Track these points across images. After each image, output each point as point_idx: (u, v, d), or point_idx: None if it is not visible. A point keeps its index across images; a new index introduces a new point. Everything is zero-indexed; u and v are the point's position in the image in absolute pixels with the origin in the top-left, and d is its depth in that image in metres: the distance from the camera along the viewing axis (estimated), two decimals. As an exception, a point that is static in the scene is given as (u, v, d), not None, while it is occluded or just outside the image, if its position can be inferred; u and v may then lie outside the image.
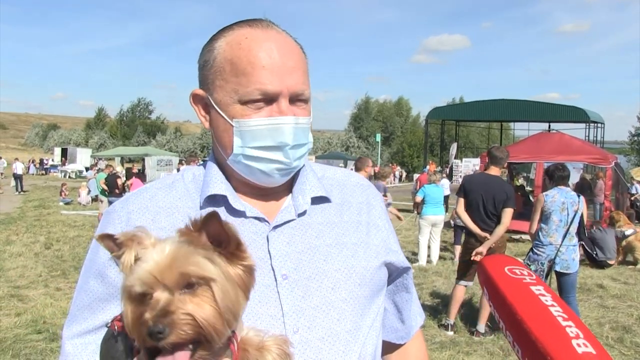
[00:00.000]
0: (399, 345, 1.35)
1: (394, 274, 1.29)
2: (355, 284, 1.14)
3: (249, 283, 0.85)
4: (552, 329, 0.68)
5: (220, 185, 1.14)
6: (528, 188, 18.07)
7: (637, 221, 16.35)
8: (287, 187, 1.19)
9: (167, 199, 1.15)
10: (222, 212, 1.10)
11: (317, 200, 1.19)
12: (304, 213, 1.16)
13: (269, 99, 1.08)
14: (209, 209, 0.86)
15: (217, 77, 1.10)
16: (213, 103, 1.12)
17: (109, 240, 0.84)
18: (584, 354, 0.63)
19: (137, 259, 0.81)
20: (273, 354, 0.89)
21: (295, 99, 1.10)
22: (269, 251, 1.10)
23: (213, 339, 0.78)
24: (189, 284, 0.78)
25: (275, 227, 1.12)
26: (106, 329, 0.99)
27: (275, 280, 1.08)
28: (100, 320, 1.07)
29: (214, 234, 0.82)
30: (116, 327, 0.87)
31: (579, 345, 0.63)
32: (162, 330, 0.73)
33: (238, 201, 1.13)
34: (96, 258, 1.11)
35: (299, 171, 1.20)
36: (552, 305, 0.72)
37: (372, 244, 1.21)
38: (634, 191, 19.43)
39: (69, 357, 1.07)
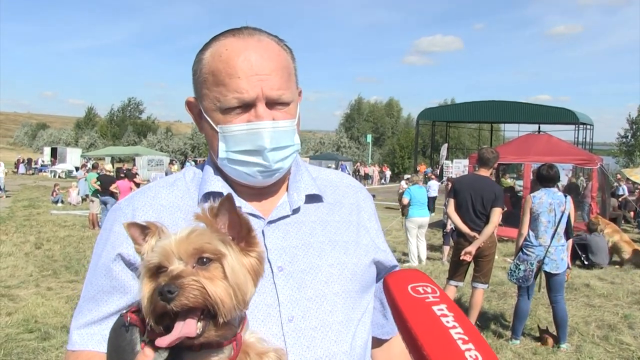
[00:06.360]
0: (385, 341, 1.40)
1: (382, 272, 1.34)
2: (347, 279, 1.20)
3: (259, 271, 0.91)
4: (451, 355, 0.69)
5: (217, 182, 1.21)
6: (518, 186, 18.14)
7: (623, 222, 16.57)
8: (283, 187, 1.26)
9: (169, 198, 1.21)
10: None
11: (311, 198, 1.25)
12: (298, 209, 1.22)
13: (247, 105, 1.13)
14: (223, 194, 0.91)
15: (203, 87, 1.17)
16: (202, 110, 1.19)
17: (135, 228, 0.90)
18: None
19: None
20: None
21: (274, 102, 1.15)
22: (265, 245, 1.15)
23: (220, 312, 0.82)
24: (202, 260, 0.83)
25: (270, 222, 1.18)
26: (113, 321, 1.05)
27: (272, 272, 1.13)
28: (103, 312, 1.12)
29: (228, 216, 0.88)
30: (129, 318, 0.91)
31: None
32: (172, 290, 0.77)
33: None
34: (103, 253, 1.16)
35: (292, 170, 1.26)
36: (453, 327, 0.73)
37: (361, 243, 1.28)
38: (620, 192, 19.66)
39: (76, 346, 1.12)
